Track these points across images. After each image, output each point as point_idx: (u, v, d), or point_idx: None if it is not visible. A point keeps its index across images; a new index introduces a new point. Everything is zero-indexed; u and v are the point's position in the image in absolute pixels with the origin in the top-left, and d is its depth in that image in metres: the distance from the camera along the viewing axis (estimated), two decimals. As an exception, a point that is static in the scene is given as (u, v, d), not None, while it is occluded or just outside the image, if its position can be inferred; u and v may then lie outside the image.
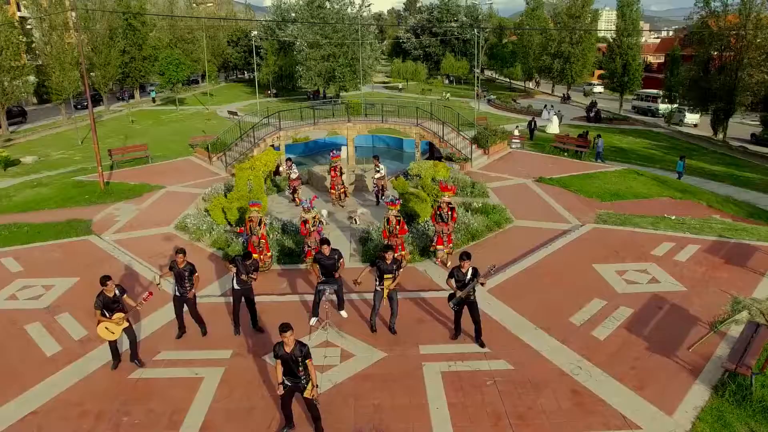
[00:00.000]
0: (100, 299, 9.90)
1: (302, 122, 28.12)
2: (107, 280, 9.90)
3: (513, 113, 50.90)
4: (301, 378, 8.06)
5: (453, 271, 10.61)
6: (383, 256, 11.06)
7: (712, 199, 21.78)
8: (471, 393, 9.62)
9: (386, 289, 11.16)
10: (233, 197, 17.33)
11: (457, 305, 10.68)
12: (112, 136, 37.87)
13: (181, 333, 11.58)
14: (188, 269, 11.08)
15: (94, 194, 22.22)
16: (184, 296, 11.19)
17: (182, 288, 11.09)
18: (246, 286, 11.31)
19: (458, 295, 10.49)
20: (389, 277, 11.06)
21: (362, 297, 13.16)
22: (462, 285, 10.48)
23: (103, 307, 9.90)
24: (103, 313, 9.91)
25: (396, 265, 11.11)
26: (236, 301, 11.54)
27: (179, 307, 11.42)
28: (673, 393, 9.56)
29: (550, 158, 28.23)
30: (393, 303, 11.42)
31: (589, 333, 11.48)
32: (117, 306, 10.01)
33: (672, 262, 14.85)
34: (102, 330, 10.00)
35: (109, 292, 9.91)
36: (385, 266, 11.01)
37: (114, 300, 9.97)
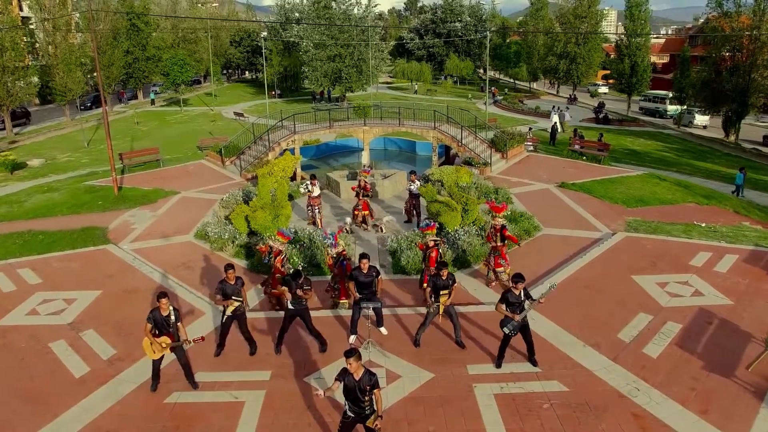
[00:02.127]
0: (152, 314, 9.45)
1: (317, 125, 27.62)
2: (162, 297, 9.41)
3: (520, 114, 50.49)
4: (365, 408, 7.54)
5: (505, 295, 10.10)
6: (439, 273, 10.75)
7: (737, 204, 21.38)
8: (528, 418, 9.15)
9: (442, 306, 10.77)
10: (256, 205, 16.81)
11: (514, 330, 10.13)
12: (117, 137, 37.25)
13: (219, 351, 11.08)
14: (240, 283, 10.60)
15: (107, 200, 21.67)
16: (236, 313, 10.67)
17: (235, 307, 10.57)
18: (301, 306, 10.73)
19: (517, 320, 9.97)
20: (445, 293, 10.67)
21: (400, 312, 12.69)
22: (517, 308, 9.98)
23: (155, 323, 9.41)
24: (152, 329, 9.42)
25: (451, 280, 10.74)
26: (288, 321, 10.99)
27: (229, 326, 10.88)
28: (741, 418, 9.12)
29: (568, 162, 27.79)
30: (453, 318, 11.14)
31: (640, 350, 11.03)
32: (168, 329, 9.49)
33: (713, 273, 14.42)
34: (146, 345, 9.55)
35: (163, 310, 9.42)
36: (441, 282, 10.65)
37: (166, 321, 9.45)
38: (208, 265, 15.47)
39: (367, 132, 26.28)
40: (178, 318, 9.62)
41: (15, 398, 9.82)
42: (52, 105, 52.33)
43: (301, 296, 10.57)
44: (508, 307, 10.02)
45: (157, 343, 9.45)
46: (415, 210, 18.60)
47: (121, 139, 36.97)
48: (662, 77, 66.06)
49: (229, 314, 10.67)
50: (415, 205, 18.60)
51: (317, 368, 10.57)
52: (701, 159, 32.79)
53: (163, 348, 9.50)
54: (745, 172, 23.74)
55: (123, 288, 14.09)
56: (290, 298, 10.61)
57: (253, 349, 11.10)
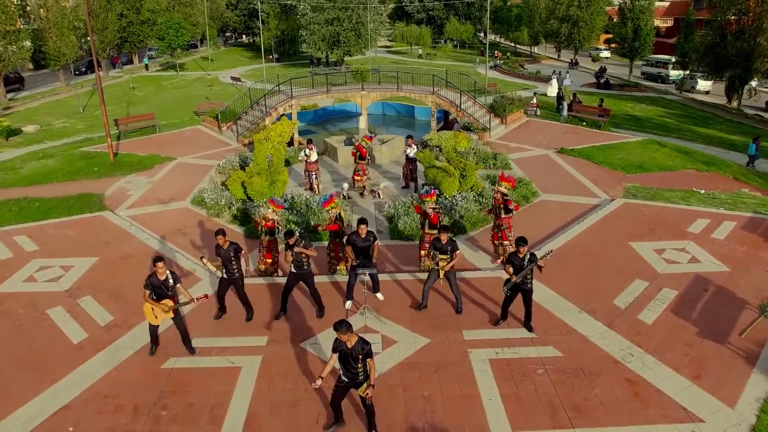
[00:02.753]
0: (148, 280, 9.41)
1: (314, 90, 27.23)
2: (158, 262, 9.37)
3: (521, 79, 49.83)
4: (358, 375, 7.59)
5: (510, 257, 10.13)
6: (438, 237, 10.71)
7: (737, 171, 21.24)
8: (522, 383, 9.22)
9: (442, 270, 10.74)
10: (252, 171, 16.68)
11: (511, 290, 10.22)
12: (113, 103, 36.83)
13: (220, 314, 11.14)
14: (233, 249, 10.54)
15: (103, 166, 21.51)
16: (231, 278, 10.67)
17: (229, 271, 10.58)
18: (303, 270, 10.73)
19: (514, 280, 10.01)
20: (444, 258, 10.64)
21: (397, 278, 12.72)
22: (519, 270, 9.99)
23: (152, 289, 9.39)
24: (151, 295, 9.41)
25: (451, 247, 10.66)
26: (290, 286, 10.99)
27: (224, 288, 10.91)
28: (732, 383, 9.19)
29: (568, 128, 27.50)
30: (452, 286, 11.09)
31: (636, 317, 11.07)
32: (168, 293, 9.47)
33: (710, 240, 14.40)
34: (147, 310, 9.55)
35: (160, 275, 9.38)
36: (440, 245, 10.61)
37: (165, 285, 9.43)
38: (204, 232, 15.43)
39: (365, 97, 25.95)
40: (176, 280, 9.61)
41: (13, 365, 9.88)
42: (46, 70, 51.52)
43: (302, 252, 10.50)
44: (513, 268, 10.05)
45: (159, 308, 9.45)
46: (412, 175, 18.44)
47: (117, 105, 36.55)
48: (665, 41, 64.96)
49: (224, 277, 10.67)
50: (411, 170, 18.43)
51: (313, 334, 10.62)
52: (702, 125, 32.46)
53: (166, 311, 9.50)
54: (759, 142, 22.68)
55: (119, 255, 14.08)
56: (291, 260, 10.56)
57: (249, 315, 11.13)
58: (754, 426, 8.22)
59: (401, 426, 8.31)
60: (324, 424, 8.37)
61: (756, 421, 8.37)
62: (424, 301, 11.33)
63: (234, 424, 8.38)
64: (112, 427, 8.38)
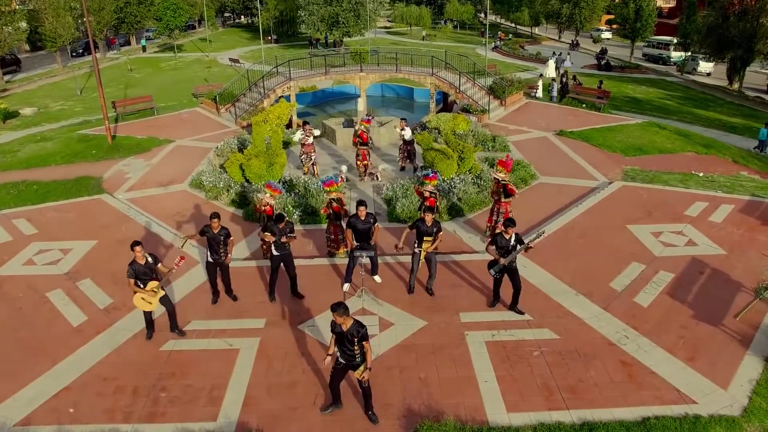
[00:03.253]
0: (132, 268, 9.40)
1: (313, 71, 27.06)
2: (136, 246, 9.38)
3: (521, 60, 49.47)
4: (355, 357, 7.66)
5: (495, 238, 10.13)
6: (423, 218, 10.64)
7: (737, 153, 21.20)
8: (518, 364, 9.31)
9: (424, 251, 10.77)
10: (251, 153, 16.64)
11: (499, 273, 10.24)
12: (111, 85, 36.64)
13: (216, 298, 11.21)
14: (224, 234, 10.58)
15: (101, 149, 21.46)
16: (218, 262, 10.73)
17: (217, 254, 10.62)
18: (284, 251, 10.78)
19: (501, 263, 10.02)
20: (428, 240, 10.66)
21: (396, 260, 12.79)
22: (505, 252, 10.01)
23: (136, 276, 9.42)
24: (136, 283, 9.45)
25: (436, 228, 10.67)
26: (275, 268, 11.06)
27: (213, 273, 10.98)
28: (725, 365, 9.27)
29: (568, 110, 27.39)
30: (431, 265, 11.08)
31: (632, 299, 11.14)
32: (150, 275, 9.52)
33: (708, 223, 14.42)
34: (138, 300, 9.58)
35: (140, 259, 9.40)
36: (425, 228, 10.59)
37: (147, 268, 9.47)
38: (203, 214, 15.45)
39: (363, 78, 25.80)
40: (156, 260, 9.65)
41: (14, 347, 9.97)
42: (43, 52, 51.10)
43: (284, 244, 10.59)
44: (498, 250, 10.04)
45: (148, 293, 9.51)
46: (409, 156, 18.40)
47: (115, 87, 36.35)
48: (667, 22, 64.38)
49: (210, 261, 10.74)
50: (410, 152, 18.39)
51: (311, 316, 10.70)
52: (703, 107, 32.32)
53: (155, 293, 9.56)
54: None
55: (118, 238, 14.11)
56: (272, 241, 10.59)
57: (232, 296, 11.27)
58: (746, 407, 8.32)
59: (398, 407, 8.41)
60: (321, 405, 8.47)
61: (748, 402, 8.46)
62: (412, 285, 11.37)
63: (232, 405, 8.48)
64: (112, 409, 8.47)
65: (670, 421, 8.01)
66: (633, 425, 7.99)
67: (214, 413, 8.34)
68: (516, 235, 10.10)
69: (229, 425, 8.11)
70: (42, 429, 8.09)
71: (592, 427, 7.94)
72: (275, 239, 10.52)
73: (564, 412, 8.28)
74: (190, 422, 8.17)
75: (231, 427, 8.07)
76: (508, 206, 13.27)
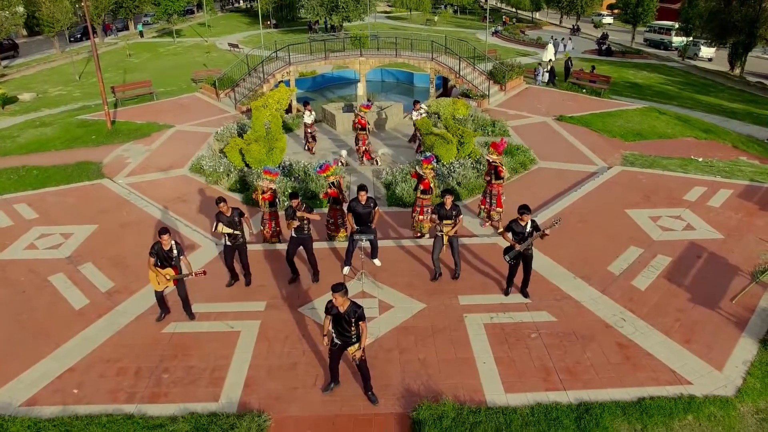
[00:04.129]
0: (154, 249, 9.52)
1: (313, 56, 26.95)
2: (163, 234, 9.45)
3: (521, 45, 49.17)
4: (351, 337, 7.77)
5: (511, 224, 10.10)
6: (442, 202, 10.70)
7: (737, 139, 21.20)
8: (516, 346, 9.42)
9: (446, 236, 10.81)
10: (250, 138, 16.65)
11: (515, 259, 10.23)
12: (110, 70, 36.48)
13: (233, 281, 11.30)
14: (237, 214, 10.65)
15: (100, 134, 21.45)
16: (236, 245, 10.80)
17: (234, 237, 10.69)
18: (304, 234, 10.82)
19: (517, 249, 10.02)
20: (448, 223, 10.70)
21: (399, 243, 12.88)
22: (521, 238, 10.03)
23: (157, 257, 9.52)
24: (156, 263, 9.54)
25: (455, 211, 10.73)
26: (292, 250, 11.08)
27: (231, 257, 11.03)
28: (721, 347, 9.38)
29: (567, 95, 27.32)
30: (453, 251, 11.13)
31: (629, 283, 11.23)
32: (170, 262, 9.60)
33: (706, 207, 14.48)
34: (152, 277, 9.70)
35: (165, 245, 9.49)
36: (444, 212, 10.64)
37: (169, 255, 9.56)
38: (203, 199, 15.52)
39: (363, 63, 25.72)
40: (180, 252, 9.73)
41: (18, 330, 10.08)
42: (41, 37, 50.73)
43: (304, 216, 10.59)
44: (514, 236, 10.07)
45: (162, 275, 9.59)
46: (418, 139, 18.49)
47: (113, 72, 36.19)
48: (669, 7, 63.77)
49: (228, 244, 10.80)
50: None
51: (310, 299, 10.80)
52: (704, 93, 32.22)
53: (168, 280, 9.65)
54: None
55: (119, 222, 14.18)
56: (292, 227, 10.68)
57: (248, 280, 11.30)
58: (740, 387, 8.44)
59: (397, 388, 8.53)
60: (322, 385, 8.59)
61: (742, 382, 8.58)
62: (437, 270, 11.37)
63: (234, 386, 8.60)
64: (115, 390, 8.59)
65: (665, 402, 8.13)
66: (629, 405, 8.11)
67: (216, 394, 8.47)
68: (532, 221, 10.11)
69: (231, 405, 8.24)
70: (47, 409, 8.21)
71: (589, 407, 8.06)
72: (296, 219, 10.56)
73: (561, 393, 8.40)
74: (193, 402, 8.29)
75: (233, 408, 8.19)
76: (500, 188, 13.35)
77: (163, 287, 9.82)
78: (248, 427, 7.72)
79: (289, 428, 7.87)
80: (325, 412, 8.14)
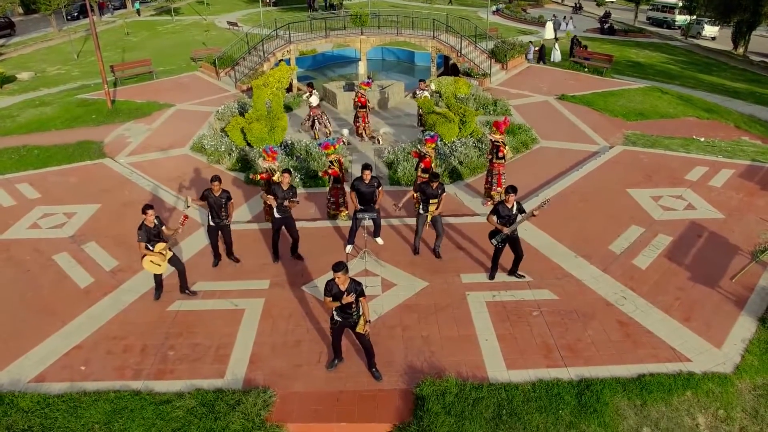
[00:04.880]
0: (142, 231, 9.48)
1: (313, 35, 26.72)
2: (148, 209, 9.45)
3: (523, 24, 48.71)
4: (352, 314, 7.87)
5: (497, 207, 10.06)
6: (429, 183, 10.76)
7: (739, 119, 21.12)
8: (518, 324, 9.52)
9: (430, 215, 10.90)
10: (252, 117, 16.61)
11: (502, 243, 10.22)
12: (108, 49, 36.16)
13: (217, 261, 11.37)
14: (225, 197, 10.68)
15: (101, 114, 21.37)
16: (219, 225, 10.85)
17: (218, 217, 10.73)
18: (286, 215, 10.92)
19: (505, 232, 10.01)
20: (434, 202, 10.78)
21: (402, 222, 12.94)
22: (508, 221, 10.04)
23: (147, 238, 9.53)
24: (147, 246, 9.56)
25: (441, 190, 10.81)
26: (276, 230, 11.21)
27: (215, 237, 11.13)
28: (720, 325, 9.48)
29: (569, 74, 27.18)
30: (438, 225, 11.22)
31: (630, 262, 11.30)
32: (159, 238, 9.65)
33: (707, 187, 14.51)
34: (147, 264, 9.70)
35: (149, 223, 9.50)
36: (430, 191, 10.72)
37: (157, 231, 9.60)
38: (205, 178, 15.49)
39: (364, 42, 25.52)
40: (161, 223, 9.75)
41: (24, 308, 10.17)
42: (37, 15, 50.18)
43: (287, 207, 10.71)
44: (499, 219, 10.05)
45: (157, 255, 9.64)
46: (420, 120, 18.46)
47: (112, 51, 35.90)
48: (673, -16, 63.07)
49: (212, 224, 10.86)
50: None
51: (314, 277, 10.88)
52: (706, 72, 32.00)
53: (164, 255, 9.70)
54: None
55: (121, 201, 14.21)
56: (275, 206, 10.73)
57: (233, 258, 11.44)
58: (738, 365, 8.55)
59: (400, 364, 8.64)
60: (326, 362, 8.70)
61: (740, 360, 8.70)
62: (417, 246, 11.60)
63: (239, 363, 8.71)
64: (122, 367, 8.71)
65: (664, 378, 8.25)
66: (629, 382, 8.22)
67: (221, 370, 8.58)
68: (517, 204, 10.08)
69: (236, 382, 8.35)
70: (55, 385, 8.33)
71: (590, 384, 8.17)
72: (278, 202, 10.62)
73: (562, 370, 8.51)
74: (199, 379, 8.40)
75: (238, 384, 8.31)
76: (501, 168, 13.36)
77: (165, 265, 9.85)
78: (254, 403, 7.84)
79: (294, 404, 8.00)
80: (329, 388, 8.26)
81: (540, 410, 7.78)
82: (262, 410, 7.77)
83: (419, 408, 7.83)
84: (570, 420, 7.66)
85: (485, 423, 7.60)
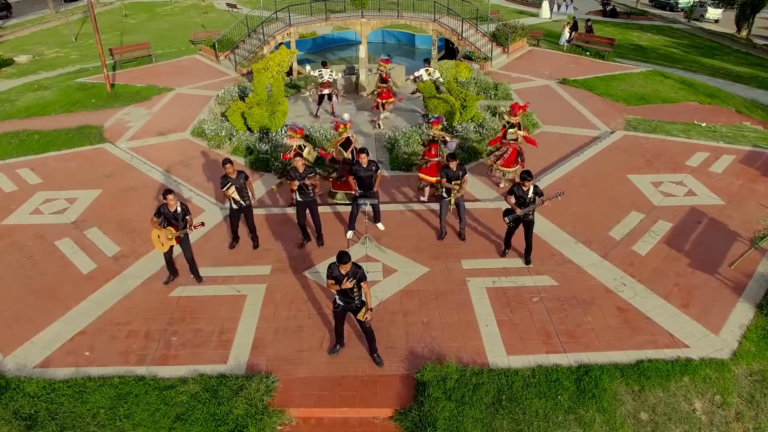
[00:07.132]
0: (160, 209, 9.64)
1: (313, 17, 26.50)
2: (168, 194, 9.52)
3: (524, 6, 48.27)
4: (354, 299, 7.94)
5: (513, 188, 10.21)
6: (448, 165, 10.85)
7: (740, 104, 21.04)
8: (518, 310, 9.61)
9: (453, 197, 10.98)
10: (252, 101, 16.55)
11: (513, 222, 10.41)
12: (106, 31, 35.86)
13: (235, 243, 11.47)
14: (243, 177, 10.71)
15: (100, 98, 21.28)
16: (242, 208, 10.89)
17: (242, 200, 10.77)
18: (309, 198, 10.91)
19: (518, 213, 10.16)
20: (457, 184, 10.85)
21: (400, 208, 12.96)
22: (522, 203, 10.13)
23: (162, 216, 9.64)
24: (160, 222, 9.66)
25: (462, 171, 10.88)
26: (301, 214, 11.19)
27: (237, 219, 11.20)
28: (718, 311, 9.57)
29: (571, 57, 26.99)
30: (460, 210, 11.32)
31: (630, 248, 11.36)
32: (175, 222, 9.71)
33: (708, 173, 14.51)
34: (154, 237, 9.81)
35: (170, 206, 9.58)
36: (452, 173, 10.80)
37: (175, 216, 9.66)
38: (206, 162, 15.53)
39: (364, 24, 25.28)
40: (186, 212, 9.83)
41: (28, 294, 10.25)
42: (35, -5, 49.79)
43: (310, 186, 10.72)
44: (516, 200, 10.19)
45: (164, 233, 9.69)
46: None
47: (110, 33, 35.62)
48: (676, -35, 62.38)
49: (235, 207, 10.88)
50: None
51: (316, 263, 10.94)
52: (709, 56, 31.81)
53: (169, 239, 9.76)
54: None
55: (122, 186, 14.23)
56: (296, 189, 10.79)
57: (255, 243, 11.43)
58: (735, 350, 8.65)
59: (401, 350, 8.74)
60: (328, 347, 8.80)
61: (738, 346, 8.79)
62: (443, 230, 11.65)
63: (241, 348, 8.81)
64: (126, 352, 8.81)
65: (662, 364, 8.35)
66: (627, 367, 8.33)
67: (224, 356, 8.68)
68: (535, 188, 10.17)
69: (239, 367, 8.46)
70: (61, 371, 8.44)
71: (588, 369, 8.27)
72: (299, 183, 10.62)
73: (561, 355, 8.61)
74: (202, 364, 8.51)
75: (241, 369, 8.42)
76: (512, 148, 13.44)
77: (168, 247, 9.92)
78: (257, 388, 7.95)
79: (297, 389, 8.11)
80: (331, 373, 8.37)
81: (539, 395, 7.89)
82: (265, 395, 7.88)
83: (420, 393, 7.94)
84: (569, 405, 7.77)
85: (485, 408, 7.72)
